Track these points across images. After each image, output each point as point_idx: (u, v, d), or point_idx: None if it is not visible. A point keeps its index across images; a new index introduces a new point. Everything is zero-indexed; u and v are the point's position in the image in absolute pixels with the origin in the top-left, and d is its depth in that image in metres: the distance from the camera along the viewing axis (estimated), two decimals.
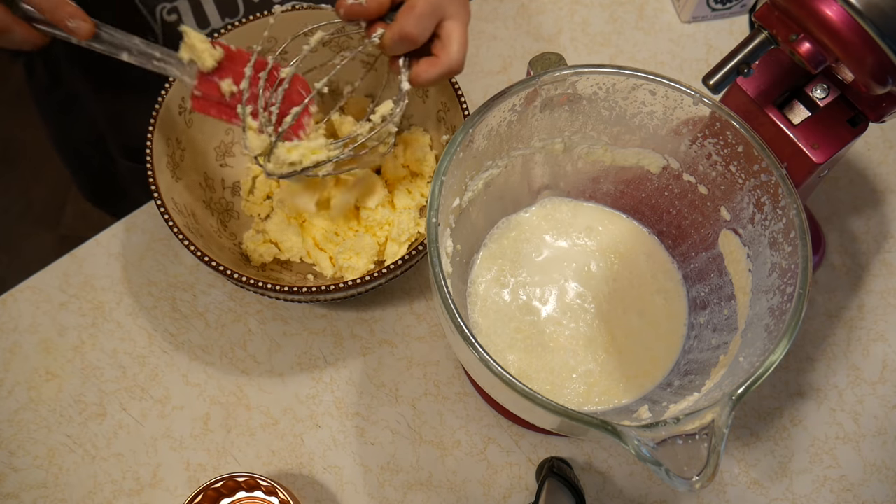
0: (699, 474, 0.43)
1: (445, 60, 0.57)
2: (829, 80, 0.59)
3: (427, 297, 0.74)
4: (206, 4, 0.75)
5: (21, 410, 0.69)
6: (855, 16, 0.47)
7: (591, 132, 0.62)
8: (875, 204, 0.80)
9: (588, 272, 0.66)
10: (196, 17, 0.76)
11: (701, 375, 0.57)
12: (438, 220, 0.52)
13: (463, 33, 0.57)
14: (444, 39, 0.57)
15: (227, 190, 0.73)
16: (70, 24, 0.52)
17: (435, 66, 0.57)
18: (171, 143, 0.66)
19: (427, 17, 0.55)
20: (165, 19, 0.75)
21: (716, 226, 0.61)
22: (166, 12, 0.74)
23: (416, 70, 0.58)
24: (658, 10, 0.89)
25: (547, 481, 0.62)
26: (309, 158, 0.60)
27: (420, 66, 0.58)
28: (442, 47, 0.57)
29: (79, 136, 0.93)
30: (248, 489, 0.63)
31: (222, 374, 0.70)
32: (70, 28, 0.53)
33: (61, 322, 0.72)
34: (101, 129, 0.90)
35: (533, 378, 0.61)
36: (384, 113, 0.61)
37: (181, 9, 0.74)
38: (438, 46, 0.58)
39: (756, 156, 0.55)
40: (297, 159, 0.60)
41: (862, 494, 0.68)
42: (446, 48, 0.57)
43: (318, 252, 0.70)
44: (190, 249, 0.60)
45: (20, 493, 0.66)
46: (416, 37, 0.55)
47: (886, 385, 0.72)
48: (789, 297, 0.50)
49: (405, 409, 0.69)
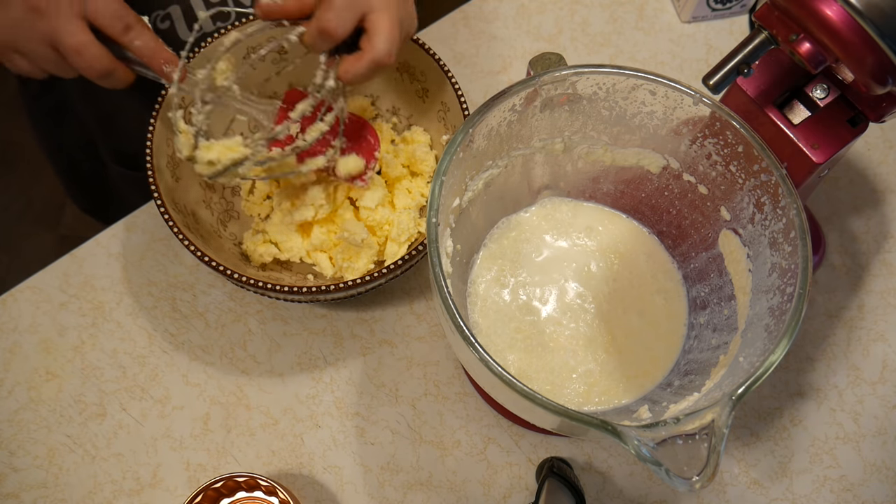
0: (699, 474, 0.43)
1: (370, 53, 0.56)
2: (829, 80, 0.59)
3: (427, 297, 0.74)
4: (199, 9, 0.75)
5: (21, 410, 0.69)
6: (855, 16, 0.47)
7: (591, 132, 0.62)
8: (875, 204, 0.80)
9: (588, 272, 0.66)
10: (187, 22, 0.76)
11: (701, 375, 0.57)
12: (438, 220, 0.52)
13: (389, 25, 0.56)
14: (369, 32, 0.56)
15: (227, 190, 0.73)
16: (166, 70, 0.56)
17: (360, 61, 0.56)
18: (170, 143, 0.66)
19: (346, 9, 0.54)
20: (158, 27, 0.75)
21: (716, 226, 0.61)
22: (160, 20, 0.74)
23: (342, 67, 0.57)
24: (658, 10, 0.89)
25: (547, 481, 0.62)
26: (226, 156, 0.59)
27: (346, 63, 0.57)
28: (367, 40, 0.56)
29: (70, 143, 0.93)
30: (248, 489, 0.63)
31: (222, 374, 0.70)
32: (165, 73, 0.56)
33: (61, 322, 0.72)
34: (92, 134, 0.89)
35: (533, 378, 0.61)
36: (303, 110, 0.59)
37: (174, 15, 0.75)
38: (364, 39, 0.57)
39: (756, 156, 0.55)
40: (214, 158, 0.59)
41: (862, 494, 0.68)
42: (371, 41, 0.56)
43: (318, 252, 0.70)
44: (190, 249, 0.60)
45: (20, 493, 0.66)
46: (333, 30, 0.54)
47: (886, 385, 0.72)
48: (789, 297, 0.50)
49: (405, 409, 0.69)
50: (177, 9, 0.74)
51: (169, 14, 0.74)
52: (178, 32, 0.76)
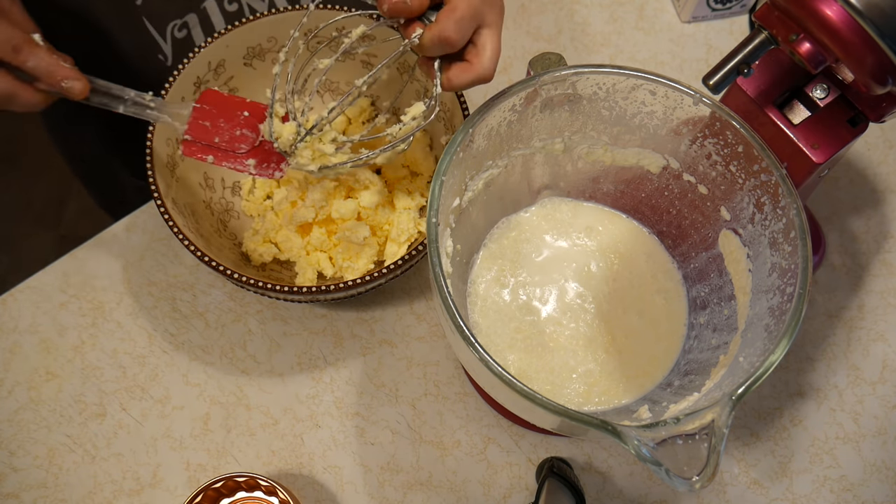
0: (699, 474, 0.43)
1: (479, 68, 0.56)
2: (829, 80, 0.59)
3: (427, 297, 0.74)
4: (214, 16, 0.75)
5: (21, 410, 0.69)
6: (855, 16, 0.47)
7: (591, 132, 0.62)
8: (875, 204, 0.80)
9: (588, 272, 0.66)
10: (204, 29, 0.76)
11: (701, 375, 0.57)
12: (438, 220, 0.52)
13: (497, 42, 0.56)
14: (478, 46, 0.56)
15: (227, 190, 0.73)
16: (65, 85, 0.56)
17: (467, 73, 0.56)
18: (170, 143, 0.66)
19: (467, 21, 0.54)
20: (176, 36, 0.75)
21: (716, 226, 0.61)
22: (177, 29, 0.74)
23: (447, 74, 0.57)
24: (658, 10, 0.89)
25: (547, 481, 0.62)
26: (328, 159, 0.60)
27: (452, 71, 0.57)
28: (476, 54, 0.56)
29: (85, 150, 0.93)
30: (248, 489, 0.63)
31: (222, 374, 0.70)
32: (65, 88, 0.56)
33: (61, 322, 0.72)
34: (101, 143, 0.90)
35: (533, 378, 0.61)
36: (415, 114, 0.60)
37: (190, 23, 0.75)
38: (472, 53, 0.57)
39: (756, 156, 0.55)
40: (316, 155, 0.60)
41: (862, 494, 0.68)
42: (480, 56, 0.56)
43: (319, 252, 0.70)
44: (190, 249, 0.60)
45: (20, 493, 0.66)
46: (455, 41, 0.54)
47: (886, 385, 0.72)
48: (789, 297, 0.50)
49: (405, 409, 0.69)
50: (193, 17, 0.74)
51: (186, 23, 0.75)
52: (195, 41, 0.76)
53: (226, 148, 0.61)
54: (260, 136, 0.61)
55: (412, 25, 0.56)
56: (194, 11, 0.74)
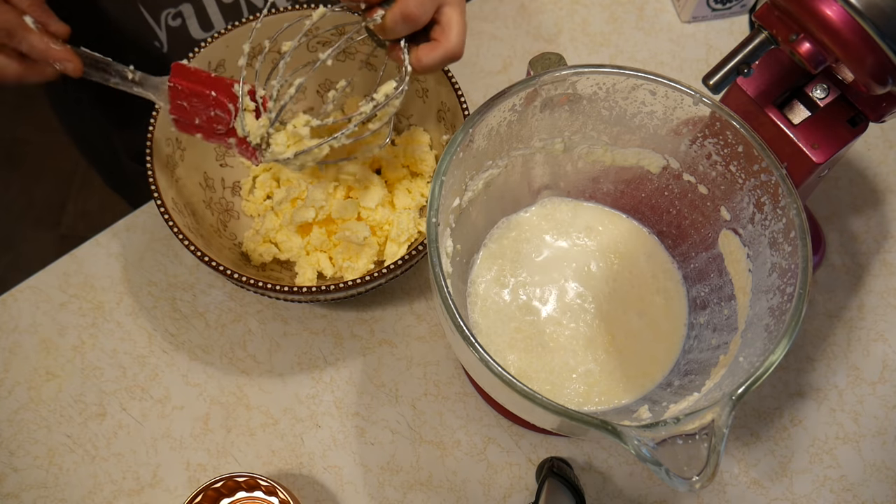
0: (699, 474, 0.43)
1: (447, 45, 0.57)
2: (829, 80, 0.59)
3: (427, 297, 0.74)
4: (210, 7, 0.75)
5: (21, 410, 0.69)
6: (855, 16, 0.47)
7: (591, 132, 0.62)
8: (875, 204, 0.80)
9: (588, 272, 0.66)
10: (199, 20, 0.76)
11: (701, 375, 0.57)
12: (438, 220, 0.52)
13: (461, 18, 0.57)
14: (443, 24, 0.57)
15: (227, 190, 0.73)
16: (58, 67, 0.56)
17: (435, 51, 0.57)
18: (171, 142, 0.66)
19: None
20: (170, 24, 0.75)
21: (716, 226, 0.61)
22: (171, 17, 0.74)
23: (416, 54, 0.58)
24: (658, 10, 0.89)
25: (547, 481, 0.62)
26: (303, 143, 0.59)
27: (421, 51, 0.58)
28: (441, 32, 0.57)
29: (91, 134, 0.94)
30: (248, 489, 0.63)
31: (222, 374, 0.70)
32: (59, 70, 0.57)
33: (61, 322, 0.72)
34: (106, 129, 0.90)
35: (533, 378, 0.61)
36: (387, 91, 0.60)
37: (185, 12, 0.74)
38: (438, 31, 0.57)
39: (756, 156, 0.55)
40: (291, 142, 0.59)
41: (862, 494, 0.68)
42: (447, 33, 0.57)
43: (319, 252, 0.70)
44: (190, 249, 0.60)
45: (20, 493, 0.66)
46: (418, 15, 0.55)
47: (886, 385, 0.72)
48: (789, 297, 0.50)
49: (405, 409, 0.69)
50: (188, 7, 0.74)
51: (180, 12, 0.74)
52: (191, 31, 0.76)
53: (206, 128, 0.61)
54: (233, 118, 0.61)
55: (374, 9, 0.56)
56: (189, 1, 0.74)
